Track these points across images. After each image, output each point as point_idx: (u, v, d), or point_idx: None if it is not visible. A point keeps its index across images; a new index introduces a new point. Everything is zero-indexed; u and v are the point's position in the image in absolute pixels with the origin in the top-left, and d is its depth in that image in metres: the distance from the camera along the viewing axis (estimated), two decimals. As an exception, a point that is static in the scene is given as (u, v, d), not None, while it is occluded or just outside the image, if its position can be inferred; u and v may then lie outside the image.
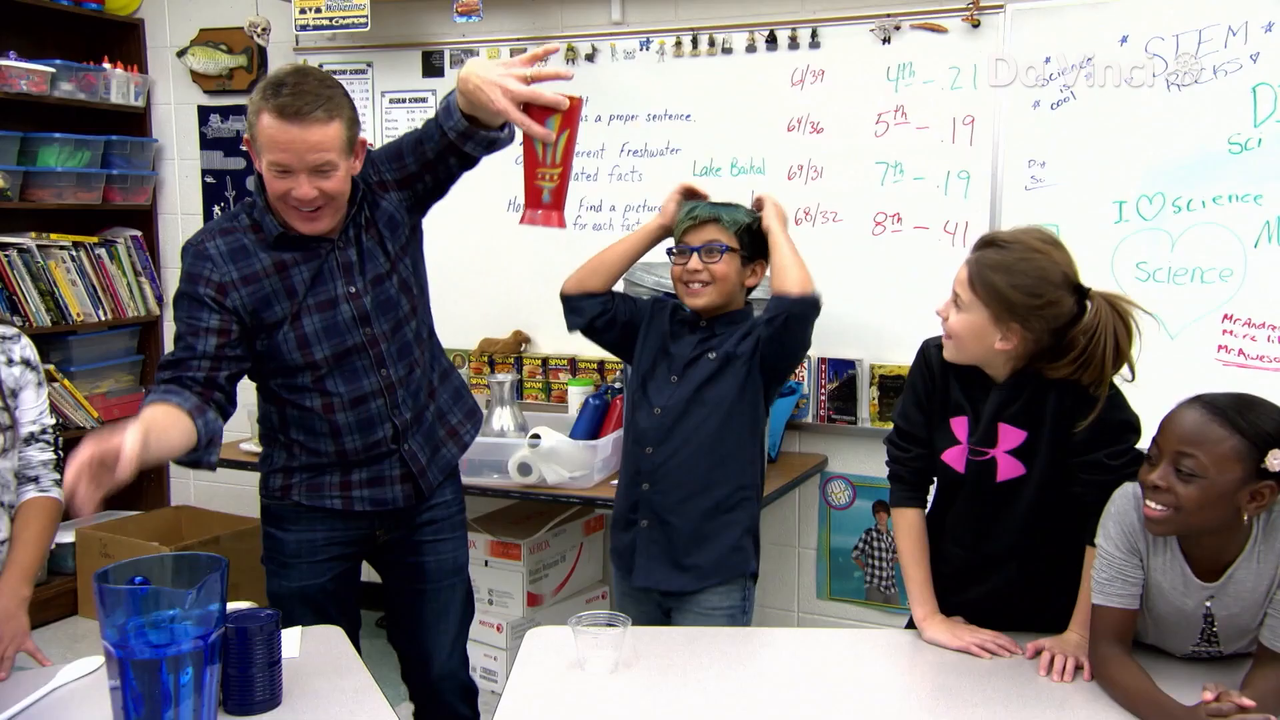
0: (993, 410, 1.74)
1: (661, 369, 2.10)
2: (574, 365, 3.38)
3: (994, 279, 1.66)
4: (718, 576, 2.03)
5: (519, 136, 1.76)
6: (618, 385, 3.14)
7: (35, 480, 1.86)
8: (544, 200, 1.62)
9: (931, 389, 1.82)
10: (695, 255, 2.03)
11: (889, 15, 2.94)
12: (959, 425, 1.78)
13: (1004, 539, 1.78)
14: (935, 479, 1.89)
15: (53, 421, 1.90)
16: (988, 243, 1.72)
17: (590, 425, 3.04)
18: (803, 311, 1.98)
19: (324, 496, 2.00)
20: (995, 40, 2.84)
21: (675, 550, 2.03)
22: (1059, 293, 1.65)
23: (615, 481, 2.89)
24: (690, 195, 2.12)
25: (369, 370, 1.94)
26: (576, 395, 3.15)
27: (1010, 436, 1.73)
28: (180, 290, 1.89)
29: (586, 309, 2.13)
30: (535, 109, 1.57)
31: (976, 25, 2.85)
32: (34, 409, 1.86)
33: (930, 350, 1.84)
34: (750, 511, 2.08)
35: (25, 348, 1.87)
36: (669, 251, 2.11)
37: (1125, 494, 1.61)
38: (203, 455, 1.80)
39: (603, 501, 2.89)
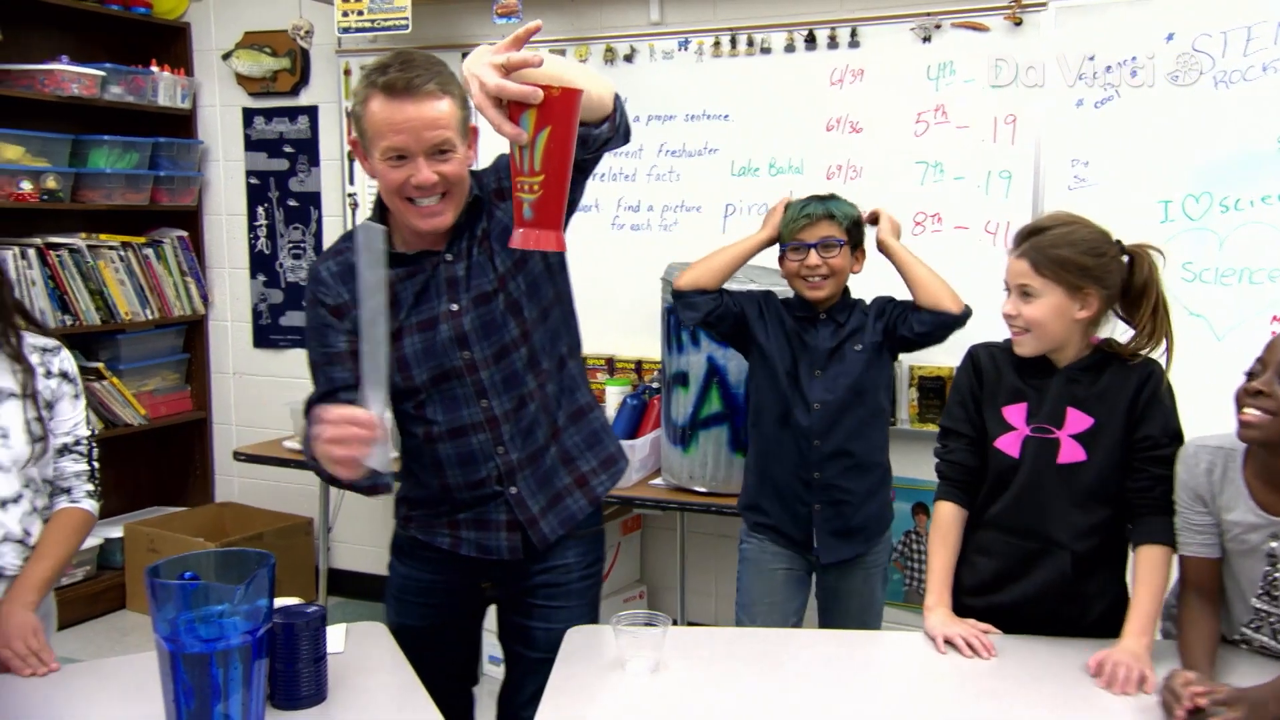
0: (1061, 391, 1.77)
1: (803, 364, 2.23)
2: (611, 365, 3.40)
3: (1060, 253, 1.73)
4: (878, 533, 2.29)
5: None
6: (655, 385, 3.15)
7: (68, 491, 1.88)
8: (525, 217, 1.30)
9: (979, 388, 1.86)
10: (813, 251, 2.17)
11: (929, 14, 2.92)
12: (1014, 412, 1.81)
13: (1058, 526, 1.77)
14: (983, 477, 1.88)
15: (87, 433, 1.91)
16: (1031, 232, 1.79)
17: (628, 425, 3.06)
18: (959, 326, 2.19)
19: (435, 533, 1.85)
20: (1038, 38, 2.81)
21: (847, 524, 2.23)
22: (1112, 247, 1.77)
23: (656, 481, 2.92)
24: (788, 206, 2.28)
25: (469, 400, 1.76)
26: (614, 395, 3.16)
27: (1077, 420, 1.76)
28: (308, 321, 1.80)
29: (701, 304, 2.27)
30: (512, 104, 1.26)
31: (1019, 23, 2.83)
32: (69, 420, 1.88)
33: (978, 352, 1.89)
34: (889, 471, 2.35)
35: (65, 360, 1.89)
36: (781, 249, 2.24)
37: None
38: (379, 477, 1.64)
39: (640, 501, 2.91)
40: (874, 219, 2.30)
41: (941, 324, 2.20)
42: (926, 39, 2.94)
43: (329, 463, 1.49)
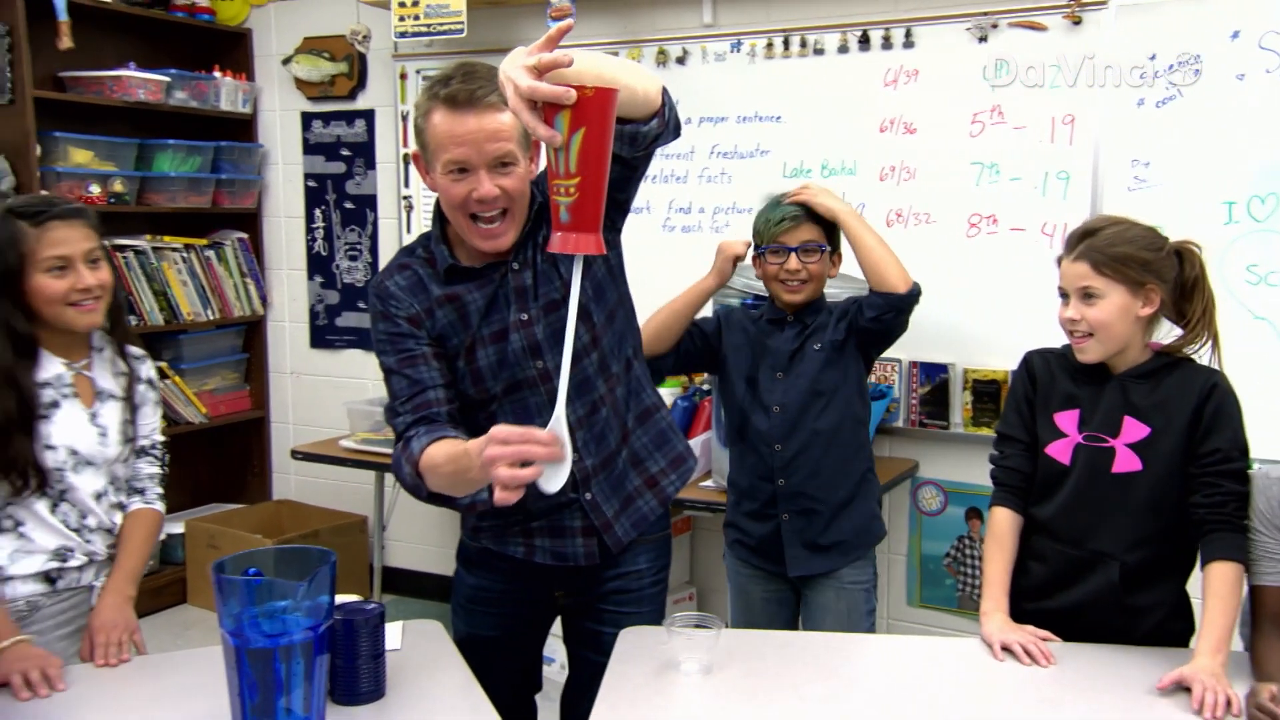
0: (1118, 399, 1.75)
1: (765, 367, 2.17)
2: (663, 366, 3.40)
3: (1120, 250, 1.72)
4: (860, 549, 2.19)
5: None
6: (705, 387, 3.15)
7: (142, 492, 1.98)
8: (562, 220, 1.27)
9: (1033, 394, 1.84)
10: (794, 255, 2.11)
11: (986, 13, 2.89)
12: (1066, 419, 1.79)
13: (1112, 535, 1.75)
14: (1037, 482, 1.86)
15: (162, 439, 2.03)
16: (1084, 234, 1.77)
17: (679, 427, 3.06)
18: (909, 306, 2.11)
19: (508, 543, 1.84)
20: (1098, 37, 2.77)
21: (818, 535, 2.16)
22: (1164, 242, 1.77)
23: (706, 483, 2.92)
24: (738, 259, 2.26)
25: (542, 408, 1.71)
26: (665, 397, 3.15)
27: (1134, 429, 1.74)
28: (378, 334, 1.74)
29: (664, 368, 2.26)
30: (547, 105, 1.23)
31: (1078, 22, 2.78)
32: (148, 425, 1.99)
33: (1033, 359, 1.87)
34: (874, 483, 2.25)
35: (149, 369, 2.01)
36: (758, 251, 2.18)
37: (1263, 474, 1.66)
38: (478, 496, 1.62)
39: (690, 503, 2.91)
40: (796, 196, 2.17)
41: (891, 305, 2.10)
42: (983, 39, 2.91)
43: (500, 485, 1.35)
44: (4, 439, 1.74)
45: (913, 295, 2.11)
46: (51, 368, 1.83)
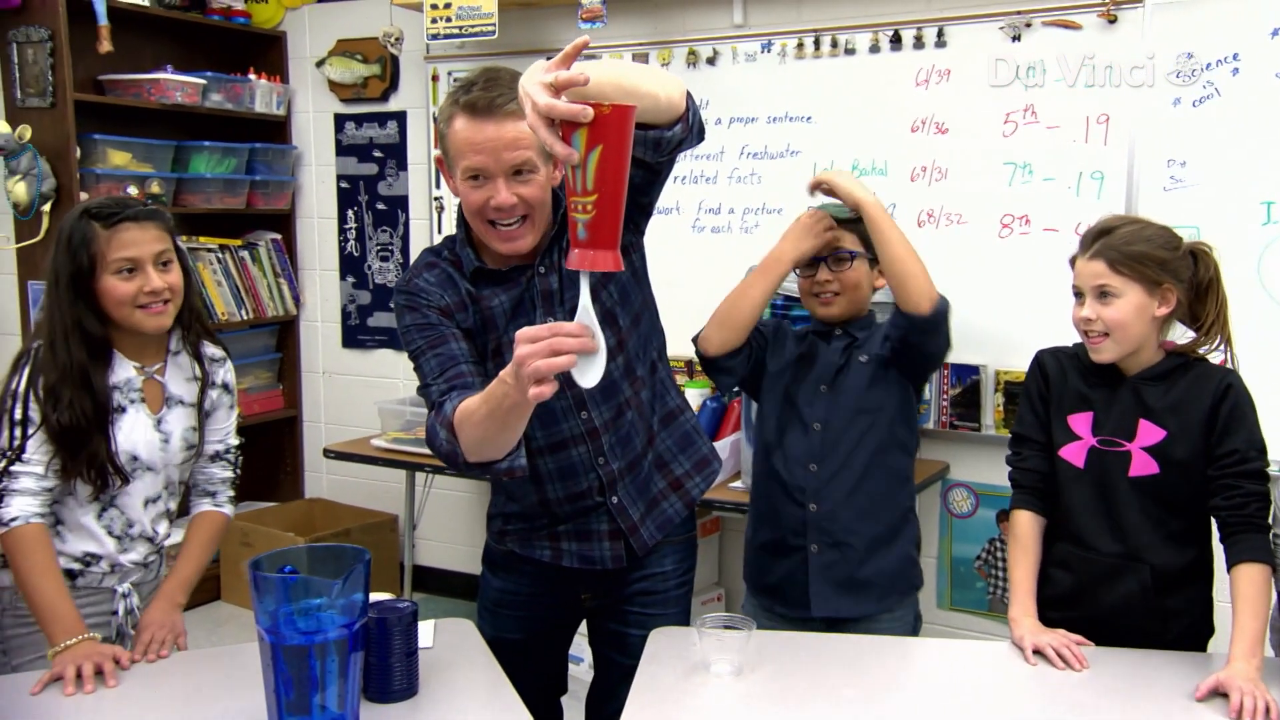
0: (1132, 401, 1.73)
1: (808, 381, 1.98)
2: (690, 367, 3.40)
3: (1137, 249, 1.70)
4: (895, 595, 1.97)
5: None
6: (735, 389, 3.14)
7: (212, 495, 1.99)
8: (579, 237, 1.26)
9: (1046, 393, 1.83)
10: (823, 265, 1.97)
11: (1019, 12, 2.87)
12: (1079, 421, 1.78)
13: (1134, 540, 1.73)
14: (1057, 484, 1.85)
15: (236, 443, 2.02)
16: (1100, 232, 1.75)
17: (708, 428, 3.06)
18: (934, 327, 1.89)
19: (534, 547, 1.84)
20: (1133, 36, 2.74)
21: (851, 572, 1.93)
22: (1182, 242, 1.75)
23: (735, 484, 2.91)
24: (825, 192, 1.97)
25: (568, 413, 1.73)
26: (694, 398, 3.16)
27: (1149, 433, 1.72)
28: (404, 326, 1.74)
29: (737, 367, 2.00)
30: (564, 123, 1.24)
31: (1113, 21, 2.76)
32: (222, 429, 2.00)
33: (1045, 358, 1.86)
34: (915, 525, 2.04)
35: (228, 372, 2.00)
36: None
37: None
38: (515, 460, 1.60)
39: (719, 504, 2.91)
40: (824, 188, 1.95)
41: (914, 327, 1.87)
42: (1016, 38, 2.88)
43: (533, 382, 1.33)
44: (81, 439, 1.75)
45: (939, 315, 1.88)
46: (123, 371, 1.83)
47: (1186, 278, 1.73)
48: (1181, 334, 1.79)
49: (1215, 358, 1.76)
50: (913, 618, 2.02)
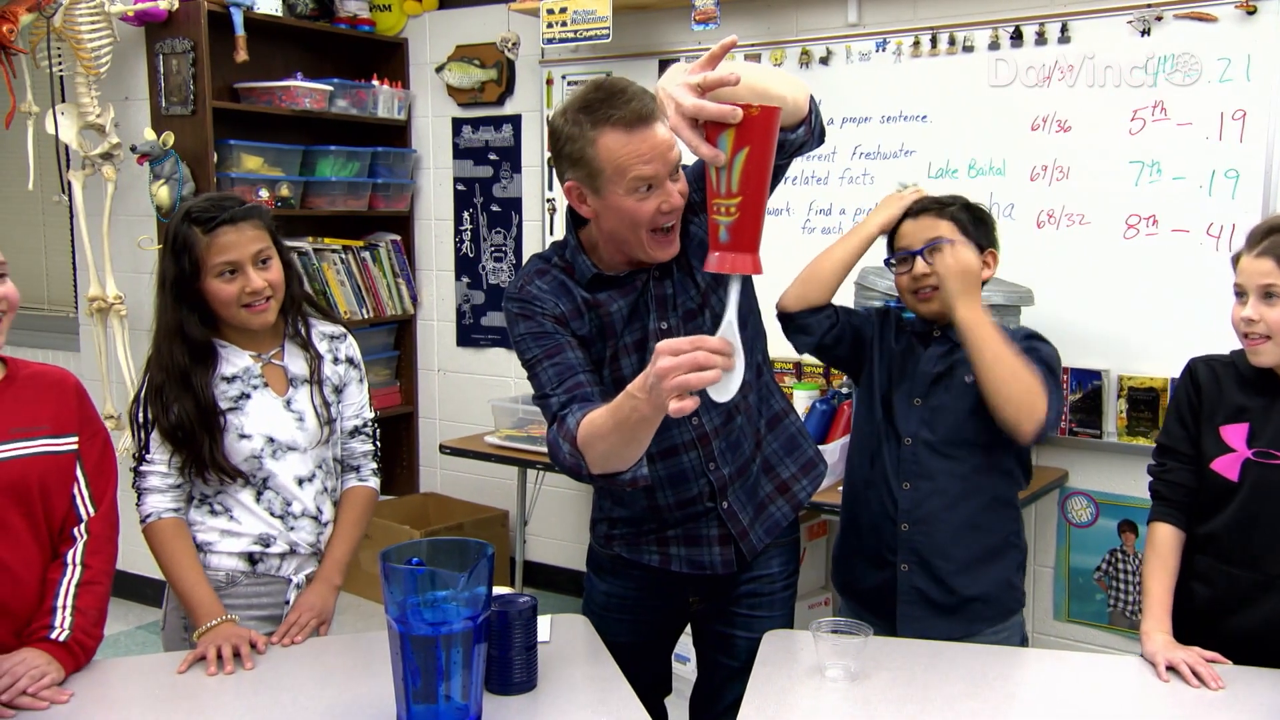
0: None
1: (902, 390, 1.90)
2: (799, 369, 3.39)
3: None
4: (985, 621, 1.87)
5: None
6: (845, 390, 3.12)
7: (356, 470, 2.04)
8: (721, 239, 1.25)
9: (1198, 404, 1.76)
10: (919, 259, 1.84)
11: (1149, 5, 2.77)
12: (1233, 433, 1.71)
13: None
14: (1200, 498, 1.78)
15: (371, 416, 2.06)
16: (1271, 229, 1.67)
17: (817, 430, 3.04)
18: (1037, 441, 1.79)
19: (642, 552, 1.84)
20: (1274, 27, 2.62)
21: (940, 595, 1.86)
22: None
23: (842, 487, 2.89)
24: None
25: (680, 419, 1.61)
26: (803, 400, 3.15)
27: None
28: (518, 335, 1.73)
29: (814, 325, 1.94)
30: (710, 124, 1.23)
31: (1252, 12, 2.64)
32: (356, 403, 2.03)
33: (1197, 366, 1.80)
34: (1020, 549, 1.93)
35: (350, 347, 2.04)
36: (887, 263, 1.93)
37: None
38: (639, 470, 1.57)
39: (829, 507, 2.89)
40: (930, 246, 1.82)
41: (1016, 436, 1.76)
42: (1145, 32, 2.79)
43: (675, 393, 1.31)
44: (190, 439, 1.83)
45: (1042, 436, 1.76)
46: (240, 361, 1.90)
47: None
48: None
49: None
50: (1018, 640, 1.92)
